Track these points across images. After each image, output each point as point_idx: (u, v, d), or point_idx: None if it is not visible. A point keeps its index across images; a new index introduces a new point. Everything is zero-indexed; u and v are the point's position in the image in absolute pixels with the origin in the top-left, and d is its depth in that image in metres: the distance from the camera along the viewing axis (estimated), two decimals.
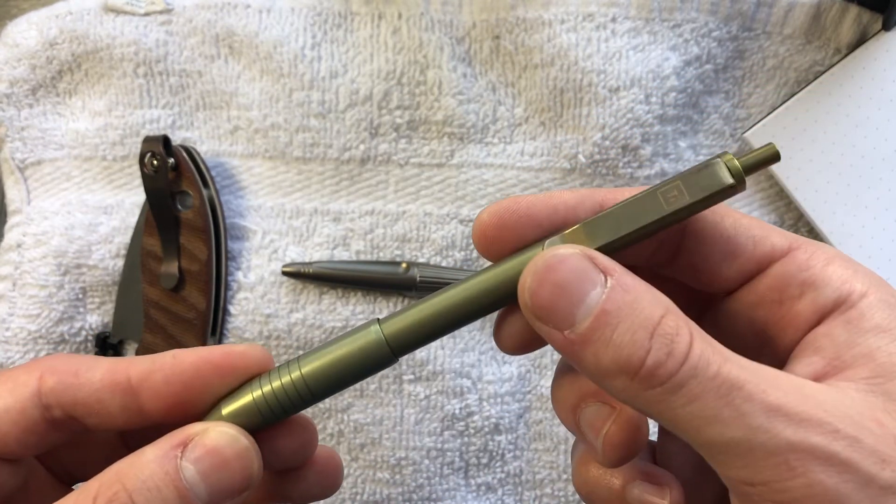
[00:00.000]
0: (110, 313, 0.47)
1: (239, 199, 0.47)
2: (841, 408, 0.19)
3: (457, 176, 0.46)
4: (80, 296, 0.47)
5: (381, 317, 0.23)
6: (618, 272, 0.20)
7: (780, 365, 0.21)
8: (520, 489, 0.45)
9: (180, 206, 0.45)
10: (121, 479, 0.20)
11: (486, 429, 0.45)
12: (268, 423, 0.23)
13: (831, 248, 0.23)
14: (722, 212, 0.23)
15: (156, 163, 0.44)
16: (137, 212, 0.47)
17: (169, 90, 0.47)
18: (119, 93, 0.47)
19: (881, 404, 0.19)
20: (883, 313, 0.21)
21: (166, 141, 0.44)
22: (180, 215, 0.45)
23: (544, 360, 0.46)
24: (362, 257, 0.46)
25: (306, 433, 0.25)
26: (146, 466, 0.20)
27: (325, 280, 0.45)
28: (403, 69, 0.46)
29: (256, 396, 0.23)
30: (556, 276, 0.20)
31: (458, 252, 0.46)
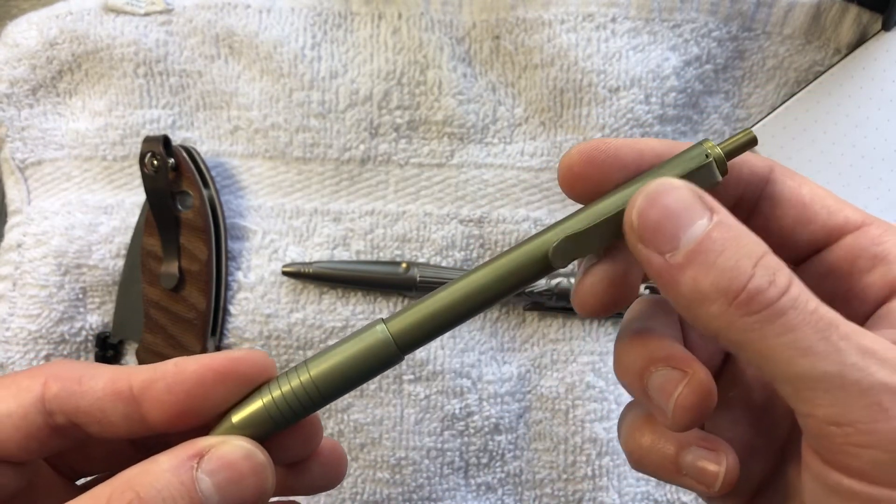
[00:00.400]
0: (110, 313, 0.47)
1: (239, 199, 0.47)
2: None
3: (457, 176, 0.46)
4: (80, 296, 0.47)
5: (384, 317, 0.24)
6: (723, 212, 0.21)
7: None
8: (520, 489, 0.45)
9: (180, 206, 0.45)
10: (133, 486, 0.20)
11: (486, 429, 0.45)
12: (279, 428, 0.23)
13: None
14: (800, 180, 0.24)
15: (156, 163, 0.44)
16: (137, 212, 0.47)
17: (169, 90, 0.47)
18: (119, 93, 0.47)
19: None
20: None
21: (166, 141, 0.44)
22: (180, 215, 0.45)
23: (544, 360, 0.46)
24: (362, 257, 0.46)
25: (311, 427, 0.25)
26: (161, 475, 0.20)
27: (325, 280, 0.45)
28: (403, 69, 0.46)
29: (267, 403, 0.23)
30: (667, 199, 0.21)
31: (458, 252, 0.46)
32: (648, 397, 0.23)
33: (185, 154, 0.45)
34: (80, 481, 0.27)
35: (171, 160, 0.44)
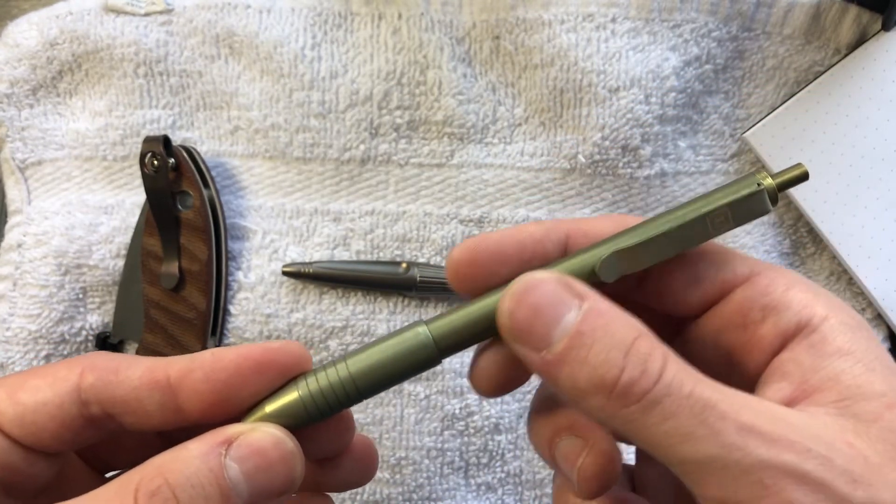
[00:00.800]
0: (110, 313, 0.47)
1: (239, 199, 0.47)
2: (812, 430, 0.19)
3: (457, 176, 0.46)
4: (80, 296, 0.47)
5: (424, 319, 0.24)
6: (592, 297, 0.21)
7: (748, 389, 0.21)
8: (520, 489, 0.45)
9: (180, 206, 0.46)
10: (163, 472, 0.20)
11: (486, 428, 0.45)
12: (312, 421, 0.23)
13: (792, 273, 0.23)
14: None
15: (156, 163, 0.44)
16: (138, 212, 0.47)
17: (169, 90, 0.47)
18: (119, 93, 0.47)
19: (851, 426, 0.19)
20: (844, 336, 0.21)
21: (167, 141, 0.45)
22: (180, 215, 0.45)
23: None
24: (362, 257, 0.46)
25: (344, 423, 0.25)
26: (191, 462, 0.20)
27: (325, 280, 0.45)
28: (403, 69, 0.46)
29: (303, 394, 0.23)
30: (533, 298, 0.21)
31: None
32: (558, 466, 0.24)
33: (185, 154, 0.45)
34: (108, 475, 0.27)
35: (172, 160, 0.44)
